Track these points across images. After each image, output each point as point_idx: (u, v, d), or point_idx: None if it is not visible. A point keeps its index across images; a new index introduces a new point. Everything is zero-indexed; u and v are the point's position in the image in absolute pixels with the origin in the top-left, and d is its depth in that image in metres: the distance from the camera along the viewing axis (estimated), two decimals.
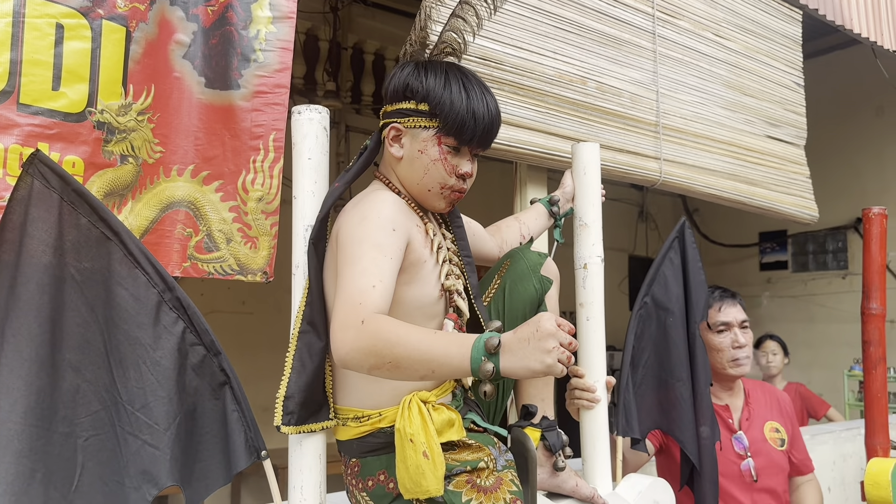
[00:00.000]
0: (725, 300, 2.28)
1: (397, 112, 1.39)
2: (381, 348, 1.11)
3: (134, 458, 1.23)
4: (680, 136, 2.72)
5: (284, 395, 1.31)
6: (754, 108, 3.04)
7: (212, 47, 1.68)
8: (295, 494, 1.36)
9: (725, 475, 2.12)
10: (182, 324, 1.30)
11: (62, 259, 1.23)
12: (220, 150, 1.67)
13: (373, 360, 1.12)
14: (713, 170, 2.81)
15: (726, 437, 2.19)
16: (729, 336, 2.22)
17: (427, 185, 1.39)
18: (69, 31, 1.47)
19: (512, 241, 1.76)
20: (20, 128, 1.41)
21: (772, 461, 2.20)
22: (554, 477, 1.60)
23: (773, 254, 7.13)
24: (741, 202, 2.92)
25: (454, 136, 1.36)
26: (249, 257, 1.66)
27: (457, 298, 1.41)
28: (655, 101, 2.66)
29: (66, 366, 1.22)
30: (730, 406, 2.25)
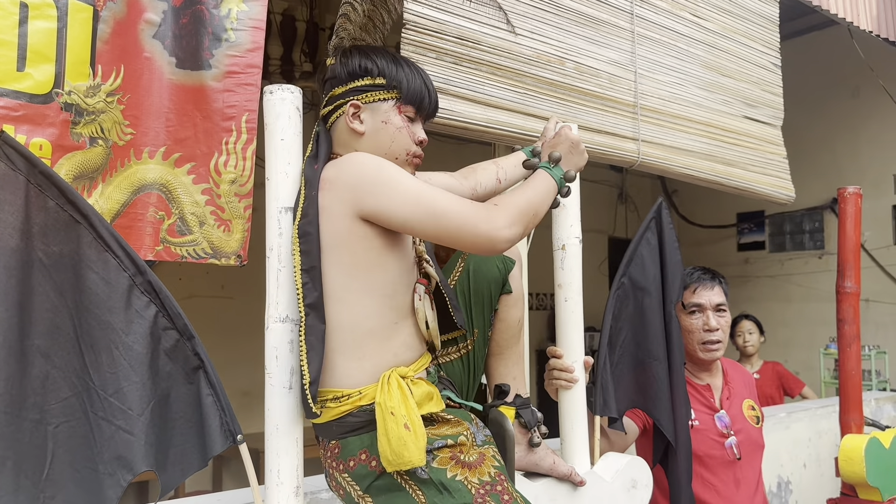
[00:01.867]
0: (702, 282, 2.27)
1: (352, 91, 1.42)
2: (523, 211, 1.36)
3: (108, 443, 1.22)
4: (658, 117, 2.72)
5: (310, 380, 1.30)
6: (732, 88, 3.04)
7: (182, 27, 1.65)
8: (272, 477, 1.35)
9: (709, 454, 2.14)
10: (154, 308, 1.28)
11: (29, 243, 1.21)
12: (191, 131, 1.65)
13: (528, 219, 1.37)
14: (691, 150, 2.82)
15: (709, 416, 2.20)
16: (701, 318, 2.22)
17: (395, 152, 1.42)
18: (34, 10, 1.44)
19: (487, 183, 1.75)
20: None
21: (750, 438, 2.22)
22: (531, 454, 1.61)
23: (750, 234, 7.19)
24: (718, 183, 2.93)
25: (413, 104, 1.43)
26: (223, 240, 1.64)
27: (425, 265, 1.45)
28: (633, 81, 2.66)
29: (34, 352, 1.20)
30: (711, 386, 2.26)
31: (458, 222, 1.29)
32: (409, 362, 1.36)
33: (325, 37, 4.77)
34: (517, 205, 1.35)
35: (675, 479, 1.98)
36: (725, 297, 2.28)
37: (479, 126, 2.17)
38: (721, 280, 2.30)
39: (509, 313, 1.60)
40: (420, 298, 1.38)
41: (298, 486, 1.36)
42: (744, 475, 2.18)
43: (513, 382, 1.62)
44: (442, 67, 2.11)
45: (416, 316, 1.38)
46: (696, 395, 2.23)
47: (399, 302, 1.35)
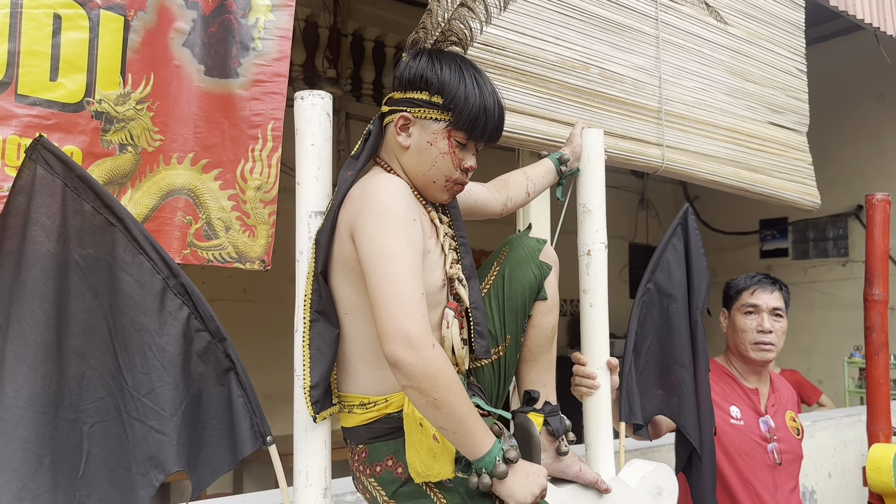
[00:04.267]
0: (761, 285, 2.27)
1: (408, 101, 1.38)
2: (440, 384, 1.18)
3: (140, 443, 1.24)
4: (682, 123, 2.71)
5: (311, 384, 1.32)
6: (757, 94, 3.03)
7: (211, 35, 1.68)
8: (300, 479, 1.36)
9: (751, 456, 2.16)
10: (187, 310, 1.30)
11: (66, 245, 1.23)
12: (219, 138, 1.67)
13: (426, 384, 1.18)
14: (715, 156, 2.80)
15: (754, 419, 2.21)
16: (756, 319, 2.23)
17: (433, 176, 1.39)
18: (67, 22, 1.47)
19: (517, 198, 1.77)
20: (18, 119, 1.41)
21: (791, 447, 2.23)
22: (557, 462, 1.61)
23: (773, 241, 7.12)
24: (743, 189, 2.91)
25: (465, 131, 1.36)
26: (248, 245, 1.66)
27: (457, 286, 1.41)
28: (658, 87, 2.65)
29: (71, 352, 1.22)
30: (759, 390, 2.27)
31: (387, 306, 1.20)
32: None
33: (348, 43, 4.80)
34: (447, 384, 1.19)
35: (699, 487, 1.98)
36: (785, 305, 2.28)
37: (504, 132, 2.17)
38: (782, 287, 2.30)
39: (543, 320, 1.59)
40: (448, 325, 1.36)
41: (327, 487, 1.37)
42: (782, 482, 2.18)
43: (543, 389, 1.62)
44: None
45: (443, 343, 1.36)
46: (742, 396, 2.25)
47: None
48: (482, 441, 1.23)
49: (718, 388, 2.23)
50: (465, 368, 1.43)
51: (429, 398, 1.19)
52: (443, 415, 1.20)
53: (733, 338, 2.28)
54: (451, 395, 1.20)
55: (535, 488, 1.26)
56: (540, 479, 1.27)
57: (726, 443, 2.16)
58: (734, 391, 2.25)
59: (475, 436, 1.22)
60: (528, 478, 1.26)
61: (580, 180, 1.89)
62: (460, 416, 1.21)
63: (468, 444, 1.23)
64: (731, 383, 2.27)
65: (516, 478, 1.24)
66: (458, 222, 1.51)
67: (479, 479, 1.23)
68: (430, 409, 1.21)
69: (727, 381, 2.27)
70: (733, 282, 2.33)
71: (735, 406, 2.20)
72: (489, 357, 1.49)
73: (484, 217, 1.73)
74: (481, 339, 1.46)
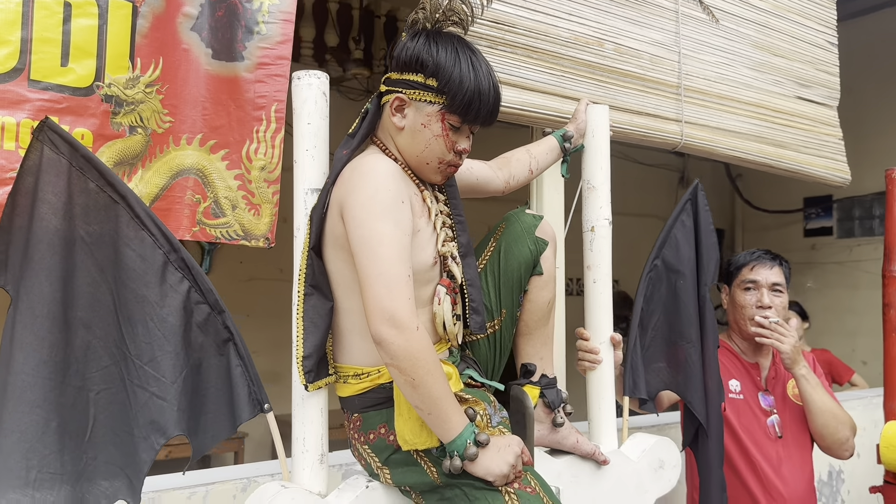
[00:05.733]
0: (761, 261, 2.29)
1: (404, 82, 1.40)
2: (419, 365, 1.24)
3: (143, 409, 1.31)
4: (703, 98, 2.68)
5: (303, 355, 1.37)
6: (784, 68, 2.96)
7: (218, 19, 1.73)
8: (298, 445, 1.42)
9: (752, 431, 2.20)
10: (187, 283, 1.36)
11: (72, 222, 1.30)
12: (225, 119, 1.72)
13: (406, 364, 1.24)
14: (738, 132, 2.76)
15: (753, 393, 2.24)
16: (755, 295, 2.24)
17: (426, 158, 1.41)
18: (77, 9, 1.53)
19: (520, 176, 1.78)
20: (31, 103, 1.48)
21: (795, 416, 2.23)
22: (554, 433, 1.64)
23: (817, 220, 6.94)
24: (767, 165, 2.86)
25: (459, 114, 1.38)
26: (253, 223, 1.72)
27: (451, 263, 1.44)
28: (677, 62, 2.62)
29: (77, 323, 1.29)
30: (758, 364, 2.30)
31: (374, 288, 1.25)
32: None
33: (381, 24, 4.82)
34: (426, 365, 1.24)
35: (706, 462, 1.99)
36: (785, 280, 2.28)
37: (515, 109, 2.19)
38: (783, 262, 2.31)
39: (539, 294, 1.61)
40: (440, 302, 1.40)
41: (323, 454, 1.43)
42: (787, 453, 2.19)
43: (539, 362, 1.64)
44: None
45: (434, 319, 1.40)
46: (742, 370, 2.27)
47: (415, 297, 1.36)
48: (455, 424, 1.28)
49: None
50: (457, 343, 1.46)
51: (407, 377, 1.25)
52: (419, 395, 1.25)
53: (733, 314, 2.28)
54: (429, 376, 1.25)
55: (509, 458, 1.29)
56: (513, 448, 1.31)
57: (729, 416, 2.17)
58: (734, 365, 2.26)
59: (448, 419, 1.27)
60: (499, 451, 1.30)
61: (584, 157, 1.90)
62: (435, 398, 1.26)
63: (441, 426, 1.27)
64: (731, 358, 2.28)
65: (487, 454, 1.29)
66: (454, 200, 1.54)
67: (451, 461, 1.28)
68: (407, 387, 1.26)
69: (727, 355, 2.28)
70: (733, 258, 2.34)
71: (735, 380, 2.22)
72: (484, 332, 1.52)
73: (486, 195, 1.76)
74: (476, 315, 1.49)
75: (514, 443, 1.32)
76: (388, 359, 1.25)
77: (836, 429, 2.16)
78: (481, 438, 1.29)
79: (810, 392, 2.16)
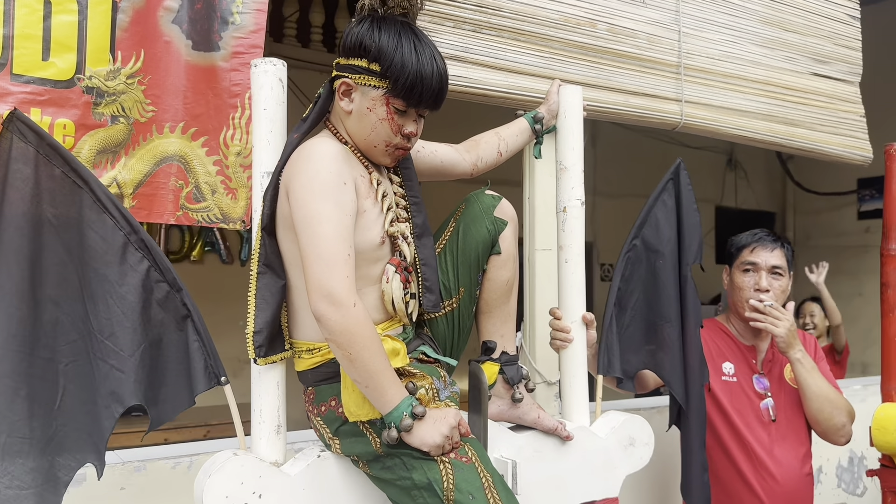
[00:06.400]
0: (761, 242, 2.25)
1: (350, 67, 1.44)
2: (356, 341, 1.30)
3: (104, 380, 1.40)
4: (705, 77, 2.64)
5: (253, 330, 1.44)
6: (797, 44, 2.88)
7: (197, 11, 1.80)
8: (255, 416, 1.49)
9: (744, 413, 2.19)
10: (147, 263, 1.44)
11: (39, 206, 1.39)
12: (205, 108, 1.80)
13: (343, 339, 1.30)
14: (744, 111, 2.71)
15: (747, 376, 2.22)
16: (753, 277, 2.21)
17: (373, 141, 1.46)
18: (56, 6, 1.63)
19: (488, 158, 1.81)
20: (14, 96, 1.59)
21: (791, 400, 2.20)
22: (514, 409, 1.67)
23: (871, 201, 6.68)
24: (778, 144, 2.80)
25: (403, 98, 1.41)
26: (231, 207, 1.80)
27: (401, 243, 1.49)
28: (677, 41, 2.59)
29: (46, 300, 1.39)
30: (755, 347, 2.27)
31: (314, 266, 1.31)
32: (377, 322, 1.45)
33: None
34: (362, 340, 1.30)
35: (687, 443, 1.99)
36: (787, 263, 2.24)
37: (501, 93, 2.21)
38: (784, 244, 2.27)
39: (498, 273, 1.65)
40: (388, 280, 1.45)
41: (280, 424, 1.50)
42: (781, 436, 2.17)
43: (500, 340, 1.68)
44: (460, 36, 2.16)
45: (383, 298, 1.46)
46: (737, 352, 2.26)
47: (362, 272, 1.42)
48: (391, 397, 1.33)
49: (713, 345, 2.21)
50: (407, 321, 1.50)
51: (345, 352, 1.31)
52: (356, 369, 1.31)
53: (731, 296, 2.25)
54: (365, 351, 1.31)
55: (443, 429, 1.34)
56: (447, 420, 1.35)
57: (720, 399, 2.15)
58: (729, 348, 2.23)
59: (385, 392, 1.33)
60: (434, 423, 1.34)
61: (557, 138, 1.91)
62: (371, 372, 1.31)
63: (378, 398, 1.33)
64: (726, 340, 2.25)
65: (423, 426, 1.34)
66: (410, 182, 1.58)
67: (388, 432, 1.33)
68: (346, 361, 1.32)
69: (723, 337, 2.25)
70: (734, 238, 2.31)
71: (729, 362, 2.20)
72: (438, 310, 1.56)
73: (453, 177, 1.80)
74: (429, 294, 1.54)
75: (450, 415, 1.36)
76: (327, 334, 1.32)
77: (832, 414, 2.13)
78: (417, 411, 1.33)
79: (805, 376, 2.12)
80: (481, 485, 1.32)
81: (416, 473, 1.35)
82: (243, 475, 1.38)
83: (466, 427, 1.40)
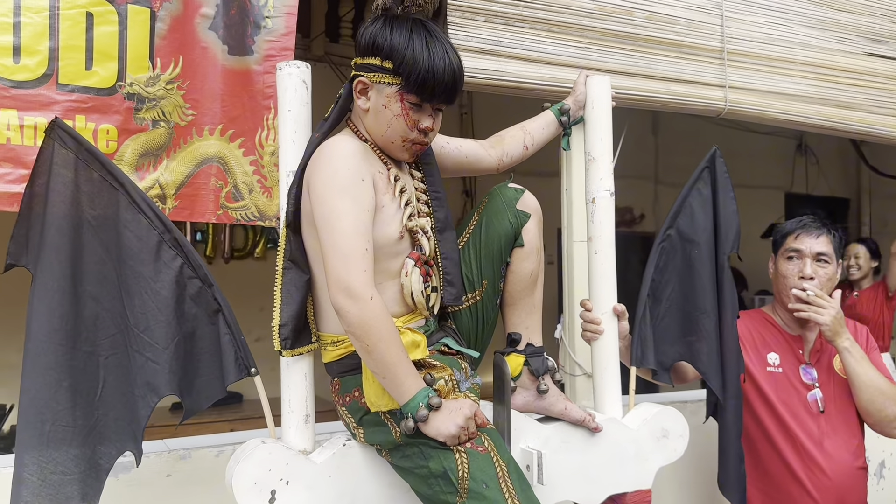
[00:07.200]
0: (806, 229, 2.18)
1: (365, 66, 1.48)
2: (372, 333, 1.33)
3: (140, 371, 1.48)
4: (750, 62, 2.58)
5: (279, 323, 1.50)
6: (851, 24, 2.78)
7: (231, 17, 1.88)
8: (285, 406, 1.54)
9: (791, 405, 2.13)
10: (180, 260, 1.51)
11: (79, 208, 1.47)
12: (241, 110, 1.87)
13: (360, 331, 1.34)
14: (793, 94, 2.64)
15: (794, 366, 2.17)
16: (797, 265, 2.15)
17: (390, 137, 1.49)
18: (98, 18, 1.72)
19: (513, 152, 1.81)
20: (60, 104, 1.69)
21: (841, 390, 2.14)
22: (540, 400, 1.68)
23: None
24: (829, 128, 2.71)
25: (416, 93, 1.44)
26: (266, 205, 1.87)
27: (420, 237, 1.51)
28: (720, 25, 2.54)
29: (87, 296, 1.47)
30: (802, 337, 2.20)
31: (333, 261, 1.35)
32: (398, 315, 1.49)
33: None
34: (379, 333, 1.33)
35: (724, 434, 1.96)
36: (833, 250, 2.17)
37: (534, 85, 2.21)
38: (832, 231, 2.19)
39: (521, 266, 1.66)
40: (407, 274, 1.48)
41: (308, 414, 1.55)
42: (831, 428, 2.11)
43: (525, 332, 1.69)
44: (492, 30, 2.17)
45: (402, 292, 1.48)
46: (783, 342, 2.20)
47: (382, 267, 1.45)
48: (408, 388, 1.36)
49: (758, 336, 2.16)
50: (427, 314, 1.53)
51: (362, 344, 1.34)
52: (374, 360, 1.35)
53: (776, 284, 2.19)
54: (382, 343, 1.34)
55: (458, 420, 1.36)
56: (463, 411, 1.37)
57: (765, 390, 2.11)
58: (774, 338, 2.17)
59: (402, 383, 1.36)
60: (450, 414, 1.36)
61: (585, 128, 1.90)
62: (388, 363, 1.34)
63: (395, 389, 1.36)
64: (771, 330, 2.19)
65: (439, 417, 1.36)
66: (431, 178, 1.61)
67: (405, 422, 1.36)
68: (364, 353, 1.36)
69: (768, 328, 2.19)
70: (780, 226, 2.24)
71: (774, 353, 2.14)
72: (459, 304, 1.58)
73: (479, 172, 1.81)
74: (451, 288, 1.56)
75: (466, 406, 1.39)
76: (346, 326, 1.36)
77: (884, 405, 2.05)
78: (433, 402, 1.36)
79: (854, 366, 2.06)
80: (495, 474, 1.34)
81: (433, 462, 1.37)
82: (271, 462, 1.44)
83: (483, 418, 1.42)
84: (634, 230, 6.18)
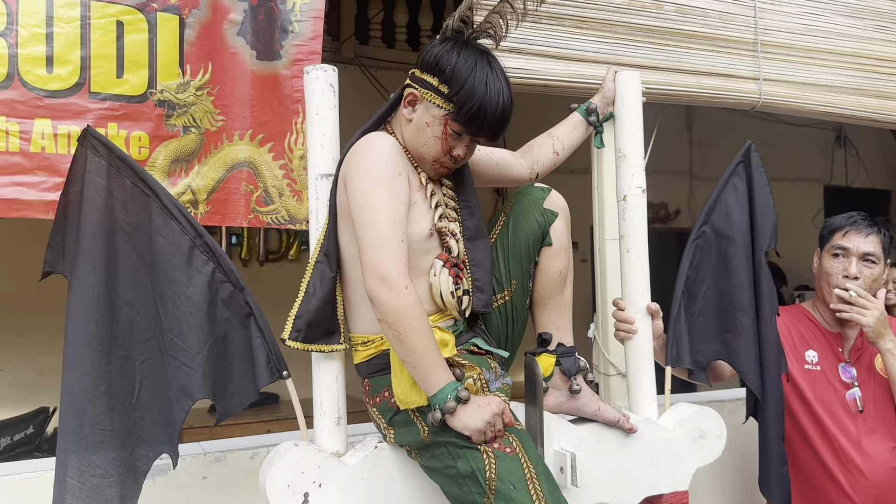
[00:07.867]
0: (855, 226, 2.12)
1: (421, 81, 1.49)
2: (405, 321, 1.34)
3: (174, 376, 1.49)
4: (785, 53, 2.52)
5: (295, 314, 1.50)
6: (890, 11, 2.71)
7: (259, 22, 1.89)
8: (317, 408, 1.55)
9: (829, 403, 2.08)
10: (212, 265, 1.52)
11: (112, 214, 1.50)
12: (270, 115, 1.89)
13: (393, 319, 1.34)
14: (831, 86, 2.57)
15: (832, 364, 2.11)
16: (843, 263, 2.09)
17: (423, 154, 1.50)
18: (128, 27, 1.74)
19: (544, 160, 1.82)
20: (92, 112, 1.71)
21: (882, 390, 2.08)
22: (573, 400, 1.66)
23: None
24: (870, 119, 2.64)
25: (463, 124, 1.46)
26: (296, 208, 1.88)
27: (449, 239, 1.52)
28: (753, 17, 2.48)
29: (122, 302, 1.49)
30: (842, 335, 2.15)
31: (369, 251, 1.37)
32: (427, 314, 1.47)
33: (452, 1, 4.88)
34: (412, 322, 1.34)
35: (765, 435, 1.92)
36: (882, 250, 2.11)
37: (562, 82, 2.19)
38: (882, 230, 2.12)
39: (550, 265, 1.65)
40: (436, 273, 1.48)
41: (339, 416, 1.55)
42: (870, 428, 2.05)
43: (555, 331, 1.68)
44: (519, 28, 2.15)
45: (431, 291, 1.49)
46: (822, 340, 2.15)
47: (412, 263, 1.45)
48: (437, 379, 1.35)
49: (796, 332, 2.12)
50: (457, 315, 1.52)
51: (395, 332, 1.35)
52: (405, 349, 1.35)
53: (819, 280, 2.14)
54: (414, 332, 1.34)
55: (485, 415, 1.35)
56: (490, 407, 1.36)
57: (802, 388, 2.06)
58: (813, 335, 2.12)
59: (431, 373, 1.35)
60: (478, 409, 1.35)
61: (615, 125, 1.88)
62: (419, 352, 1.34)
63: (424, 379, 1.36)
64: (810, 327, 2.14)
65: (466, 410, 1.35)
66: (463, 187, 1.61)
67: (432, 413, 1.36)
68: (395, 342, 1.36)
69: (807, 324, 2.14)
70: (828, 220, 2.17)
71: (812, 350, 2.09)
72: (489, 310, 1.58)
73: (511, 183, 1.80)
74: (480, 294, 1.56)
75: (494, 403, 1.38)
76: (379, 314, 1.36)
77: None
78: (462, 395, 1.36)
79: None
80: (523, 475, 1.33)
81: (461, 462, 1.37)
82: (304, 465, 1.44)
83: (510, 417, 1.41)
84: (669, 226, 6.10)
